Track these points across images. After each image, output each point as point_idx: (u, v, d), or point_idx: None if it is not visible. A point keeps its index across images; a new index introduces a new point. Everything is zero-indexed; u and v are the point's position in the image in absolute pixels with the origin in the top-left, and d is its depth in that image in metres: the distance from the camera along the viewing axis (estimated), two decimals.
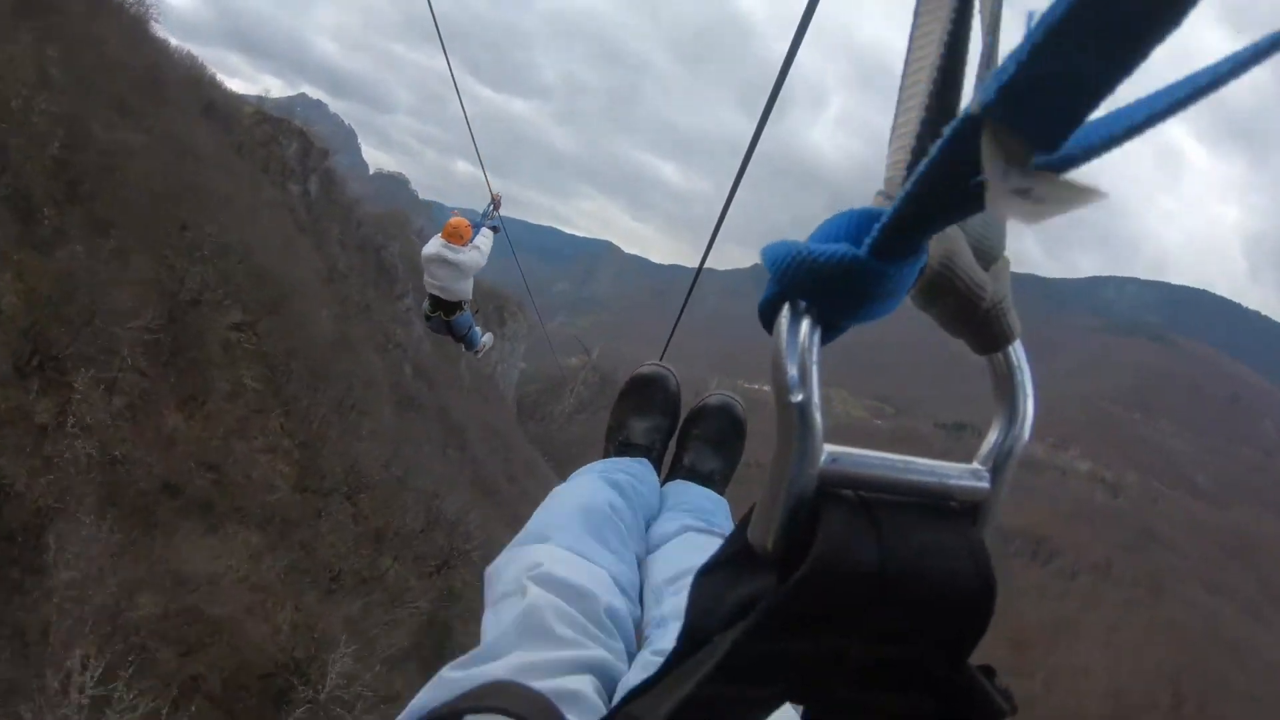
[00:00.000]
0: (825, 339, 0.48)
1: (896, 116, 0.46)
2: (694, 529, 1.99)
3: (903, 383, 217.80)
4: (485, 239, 8.17)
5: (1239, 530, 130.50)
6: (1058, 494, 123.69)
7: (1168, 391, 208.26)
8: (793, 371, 0.46)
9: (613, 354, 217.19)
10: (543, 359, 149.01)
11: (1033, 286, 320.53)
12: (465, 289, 8.27)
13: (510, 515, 62.70)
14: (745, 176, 3.01)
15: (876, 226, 0.43)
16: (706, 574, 0.56)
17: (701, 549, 1.84)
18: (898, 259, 0.44)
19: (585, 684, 1.30)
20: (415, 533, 23.49)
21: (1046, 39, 0.30)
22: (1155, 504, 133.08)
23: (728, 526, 1.91)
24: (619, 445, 2.38)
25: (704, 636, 0.52)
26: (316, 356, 26.84)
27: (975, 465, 0.54)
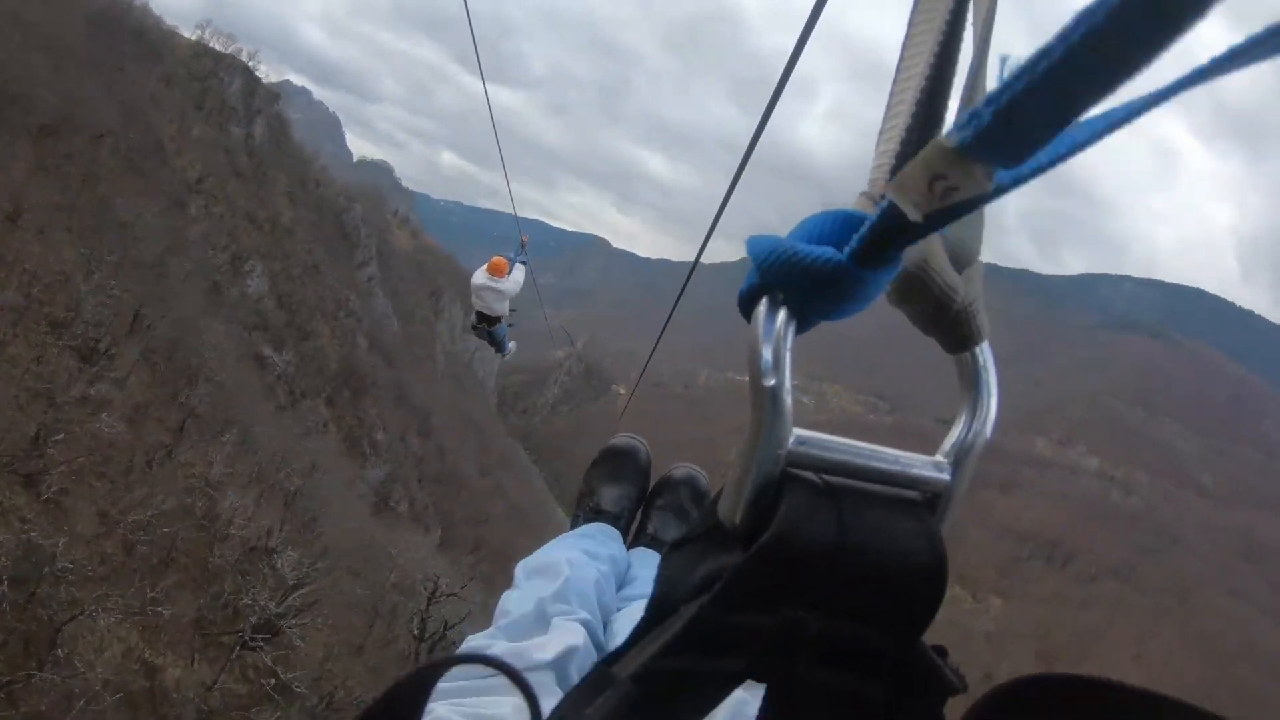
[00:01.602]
0: (798, 330, 0.50)
1: (885, 120, 0.48)
2: None
3: (895, 379, 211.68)
4: (519, 271, 10.74)
5: (1248, 533, 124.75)
6: (1069, 493, 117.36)
7: (1169, 389, 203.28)
8: (768, 357, 0.49)
9: (598, 346, 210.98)
10: (527, 350, 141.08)
11: (1028, 282, 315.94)
12: (503, 308, 10.65)
13: (475, 511, 54.73)
14: (732, 171, 3.24)
15: (857, 236, 0.45)
16: (676, 549, 0.58)
17: None
18: (876, 267, 0.46)
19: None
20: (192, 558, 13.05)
21: (1029, 88, 0.32)
22: (1168, 504, 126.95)
23: None
24: (589, 511, 2.44)
25: (671, 607, 0.54)
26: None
27: (938, 458, 0.56)
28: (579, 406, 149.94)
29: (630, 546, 2.38)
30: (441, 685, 0.99)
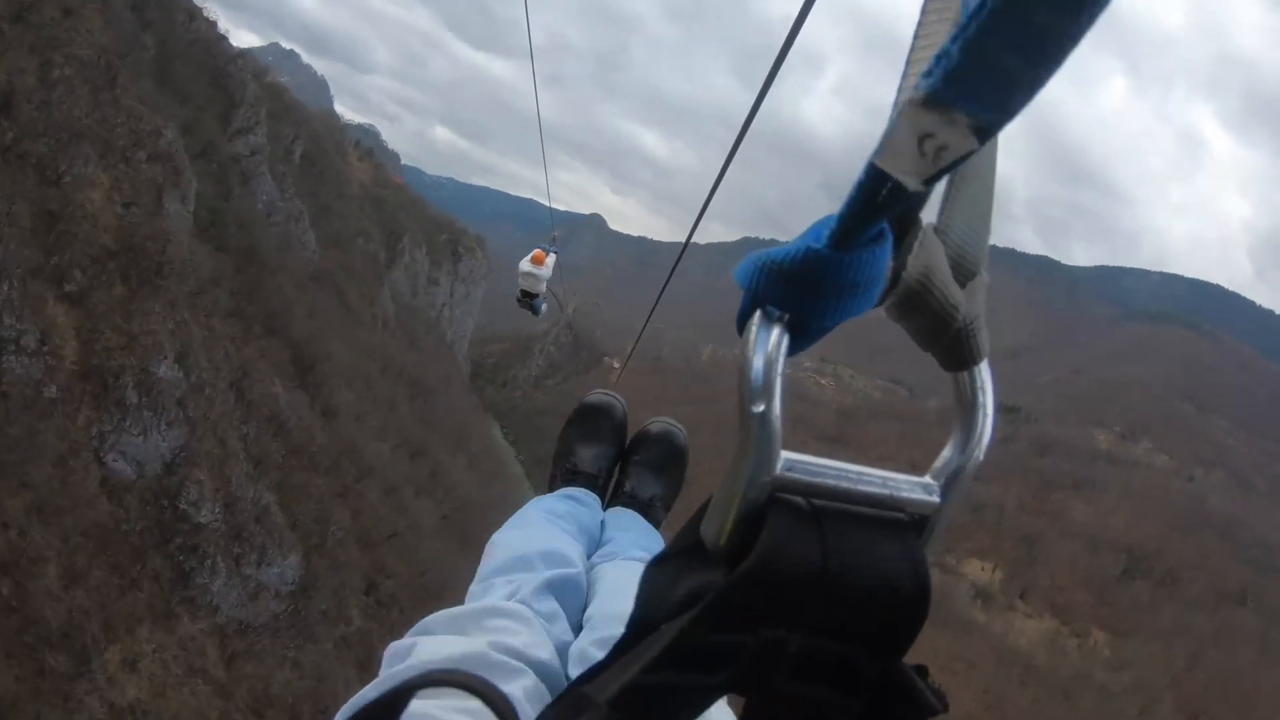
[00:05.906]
0: (799, 345, 0.48)
1: (908, 66, 0.44)
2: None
3: (911, 364, 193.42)
4: (552, 259, 13.42)
5: None
6: (1151, 495, 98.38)
7: (1212, 384, 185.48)
8: (756, 380, 0.46)
9: (591, 316, 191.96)
10: (509, 317, 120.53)
11: (1049, 270, 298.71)
12: (541, 288, 13.12)
13: (379, 518, 32.27)
14: (732, 152, 3.01)
15: (833, 218, 0.44)
16: (657, 565, 0.57)
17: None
18: (858, 247, 0.44)
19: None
20: None
21: (977, 35, 0.31)
22: (1259, 510, 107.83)
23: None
24: (565, 472, 2.41)
25: (652, 625, 0.53)
26: None
27: (927, 479, 0.54)
28: (566, 380, 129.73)
29: (608, 505, 2.36)
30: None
